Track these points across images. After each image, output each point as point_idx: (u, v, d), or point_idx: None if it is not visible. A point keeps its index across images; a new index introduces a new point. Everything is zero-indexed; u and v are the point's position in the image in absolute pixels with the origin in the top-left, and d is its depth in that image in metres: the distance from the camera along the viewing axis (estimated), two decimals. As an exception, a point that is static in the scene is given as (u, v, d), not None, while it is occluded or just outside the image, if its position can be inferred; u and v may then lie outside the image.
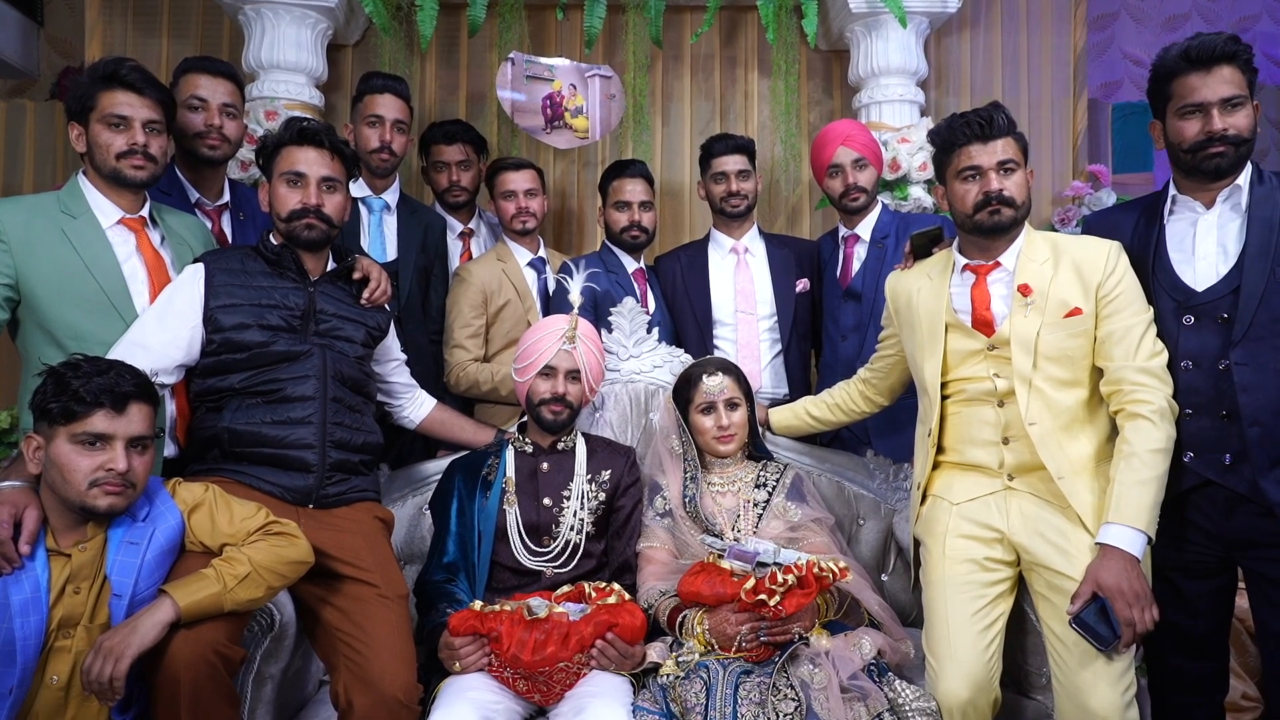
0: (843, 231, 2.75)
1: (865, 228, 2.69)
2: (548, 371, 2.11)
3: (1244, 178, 1.87)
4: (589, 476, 2.13)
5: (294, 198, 1.95)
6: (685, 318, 2.84)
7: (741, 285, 2.80)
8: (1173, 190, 1.95)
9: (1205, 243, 1.88)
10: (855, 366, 2.47)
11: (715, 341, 2.79)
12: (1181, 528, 1.89)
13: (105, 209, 1.95)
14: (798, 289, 2.81)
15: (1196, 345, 1.85)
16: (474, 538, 2.06)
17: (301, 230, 1.96)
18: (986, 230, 1.89)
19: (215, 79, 2.32)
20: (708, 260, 2.86)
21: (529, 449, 2.16)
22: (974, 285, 1.94)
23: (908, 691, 1.73)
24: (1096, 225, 2.10)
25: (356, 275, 2.09)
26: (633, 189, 2.78)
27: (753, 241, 2.86)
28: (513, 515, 2.07)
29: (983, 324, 1.91)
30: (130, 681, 1.46)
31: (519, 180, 2.77)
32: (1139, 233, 1.97)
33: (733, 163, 2.77)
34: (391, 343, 2.23)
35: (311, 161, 1.96)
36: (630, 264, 2.83)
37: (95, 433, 1.52)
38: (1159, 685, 1.99)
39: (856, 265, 2.69)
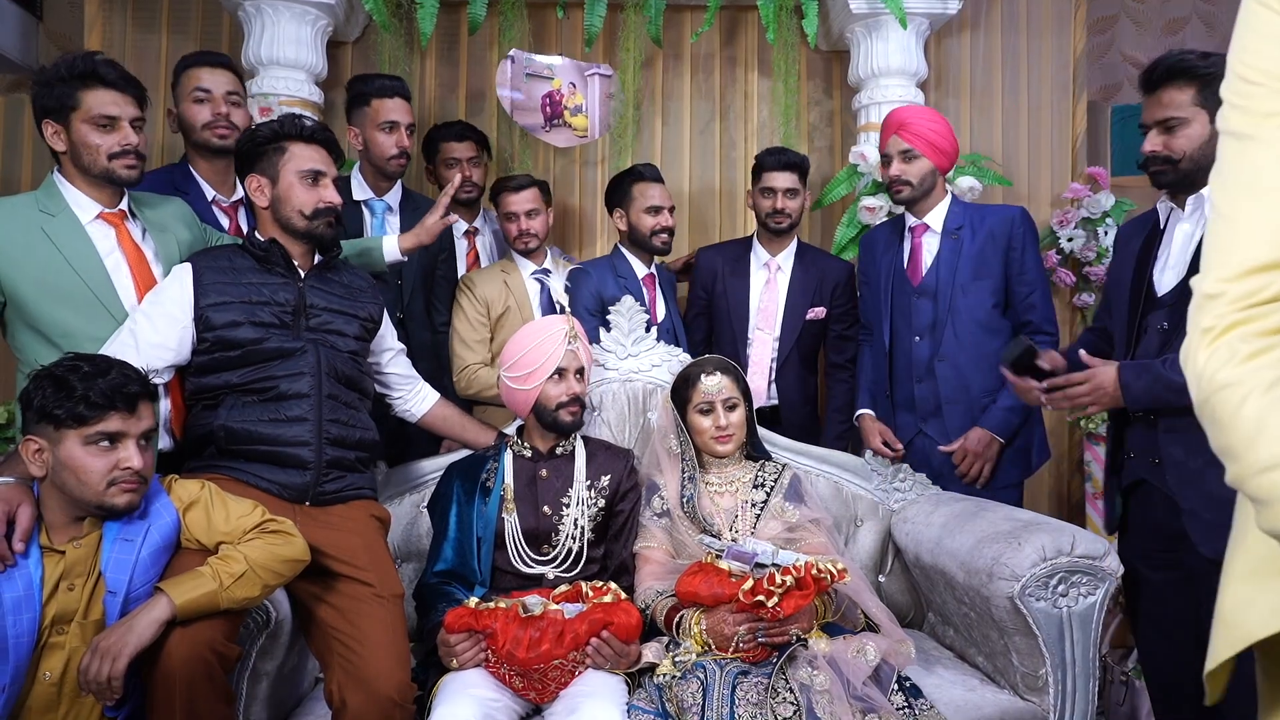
0: (910, 221, 2.58)
1: (935, 217, 2.54)
2: (559, 374, 2.10)
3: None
4: (588, 483, 2.12)
5: (314, 196, 1.98)
6: (722, 321, 2.88)
7: (765, 304, 2.85)
8: (1163, 195, 2.00)
9: (1177, 247, 1.93)
10: (930, 367, 2.48)
11: (746, 349, 2.84)
12: (1130, 519, 2.02)
13: (84, 205, 1.93)
14: (809, 316, 2.81)
15: (1143, 351, 1.93)
16: (473, 543, 2.05)
17: (324, 229, 2.00)
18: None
19: (215, 70, 2.38)
20: (749, 268, 2.89)
21: (528, 454, 2.15)
22: None
23: (938, 718, 1.72)
24: (1128, 230, 2.14)
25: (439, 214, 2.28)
26: (659, 193, 2.82)
27: (786, 260, 2.88)
28: (511, 523, 2.06)
29: None
30: (125, 679, 1.46)
31: (519, 202, 2.77)
32: (1147, 235, 2.01)
33: (782, 180, 2.78)
34: (386, 332, 2.22)
35: (325, 161, 2.01)
36: (640, 269, 2.84)
37: (110, 433, 1.52)
38: (1153, 676, 2.05)
39: (928, 258, 2.54)
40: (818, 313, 2.81)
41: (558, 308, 2.19)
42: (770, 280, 2.85)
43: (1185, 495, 1.82)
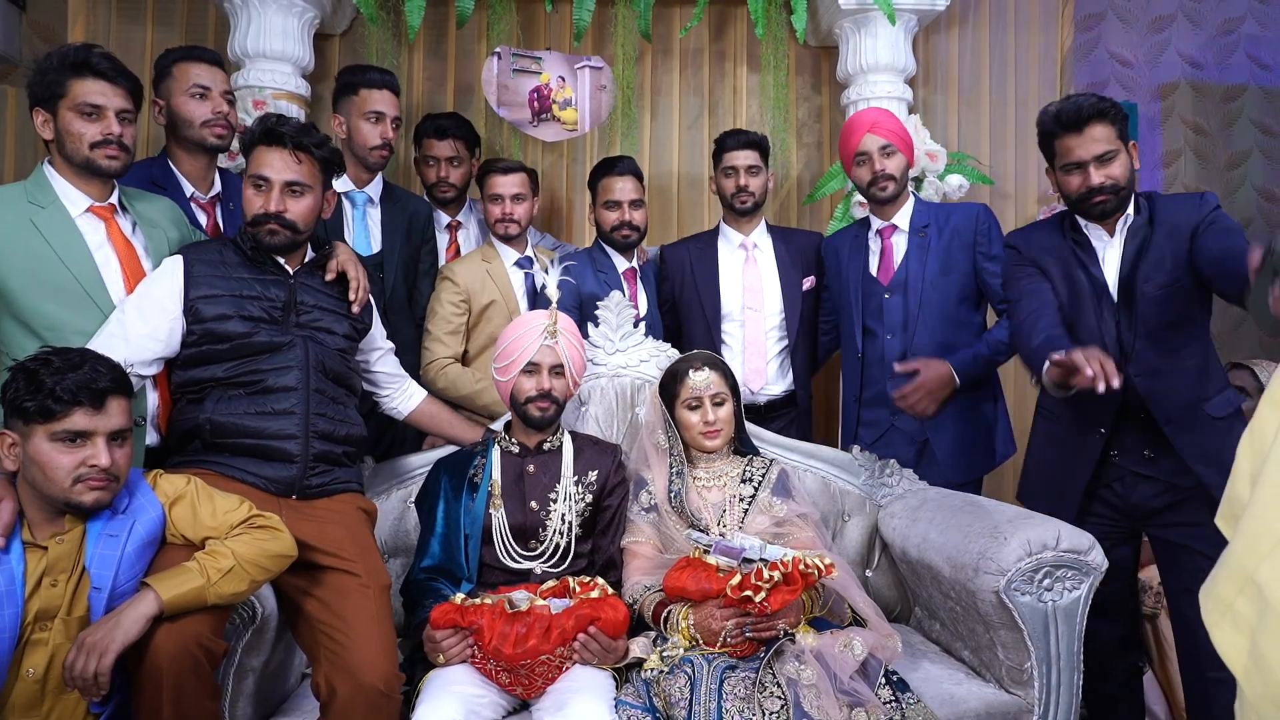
0: (877, 223, 2.63)
1: (902, 218, 2.60)
2: (531, 368, 2.09)
3: (1133, 207, 2.13)
4: (576, 478, 2.12)
5: (258, 202, 1.93)
6: (693, 310, 2.83)
7: (750, 282, 2.80)
8: (1082, 221, 2.18)
9: (1110, 267, 2.13)
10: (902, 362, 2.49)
11: (722, 335, 2.80)
12: (1091, 504, 2.17)
13: (74, 198, 1.92)
14: (804, 286, 2.81)
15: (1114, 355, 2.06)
16: (460, 539, 2.05)
17: (265, 236, 1.95)
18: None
19: (212, 68, 2.34)
20: (717, 254, 2.85)
21: (515, 449, 2.15)
22: None
23: (925, 712, 1.73)
24: (1029, 240, 2.29)
25: (329, 277, 2.05)
26: (622, 187, 2.75)
27: (761, 237, 2.86)
28: (499, 518, 2.06)
29: None
30: (110, 674, 1.45)
31: (506, 184, 2.73)
32: (1078, 248, 2.18)
33: (743, 158, 2.77)
34: (376, 332, 2.21)
35: (275, 166, 1.93)
36: (621, 263, 2.80)
37: (75, 430, 1.50)
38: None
39: (899, 257, 2.59)
40: (810, 282, 2.81)
41: (550, 300, 2.17)
42: (750, 258, 2.82)
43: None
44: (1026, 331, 2.13)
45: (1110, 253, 2.16)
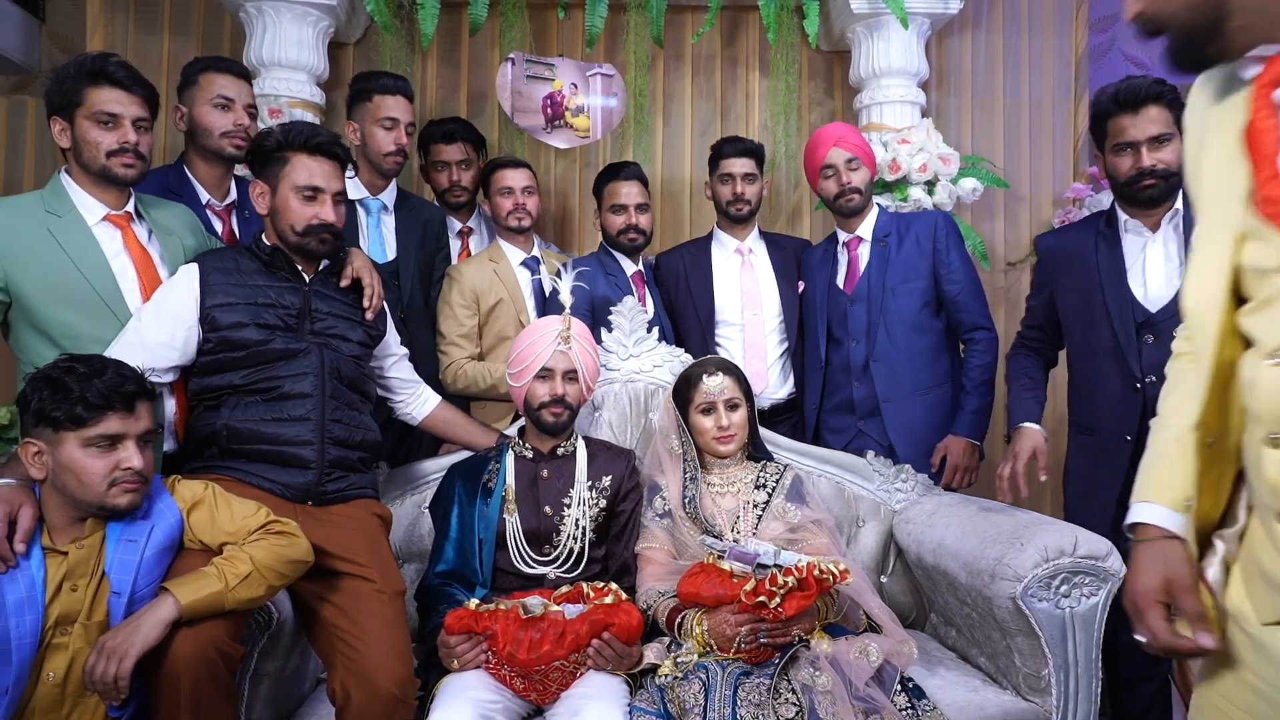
0: (843, 236, 2.69)
1: (866, 229, 2.66)
2: (544, 374, 2.10)
3: (1181, 199, 2.08)
4: (590, 483, 2.12)
5: (308, 212, 1.95)
6: (687, 316, 2.83)
7: (747, 286, 2.81)
8: (1122, 215, 2.15)
9: (1155, 264, 2.09)
10: (869, 369, 2.56)
11: (717, 339, 2.80)
12: (1122, 513, 2.10)
13: (90, 206, 1.93)
14: (800, 289, 2.82)
15: (1157, 361, 2.02)
16: (475, 544, 2.05)
17: (316, 245, 1.97)
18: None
19: (238, 80, 2.38)
20: (711, 259, 2.86)
21: (529, 454, 2.15)
22: None
23: (941, 719, 1.73)
24: (1052, 246, 2.30)
25: (344, 283, 2.07)
26: (628, 191, 2.76)
27: (755, 243, 2.88)
28: (513, 523, 2.06)
29: None
30: (130, 678, 1.46)
31: (517, 178, 2.76)
32: (1102, 254, 2.15)
33: (740, 165, 2.78)
34: (390, 338, 2.22)
35: (327, 176, 1.96)
36: (629, 266, 2.81)
37: (109, 435, 1.52)
38: (1111, 663, 2.14)
39: (863, 267, 2.65)
40: (802, 286, 2.83)
41: (563, 306, 2.18)
42: (745, 263, 2.84)
43: None
44: (1013, 372, 2.31)
45: (1152, 250, 2.12)
